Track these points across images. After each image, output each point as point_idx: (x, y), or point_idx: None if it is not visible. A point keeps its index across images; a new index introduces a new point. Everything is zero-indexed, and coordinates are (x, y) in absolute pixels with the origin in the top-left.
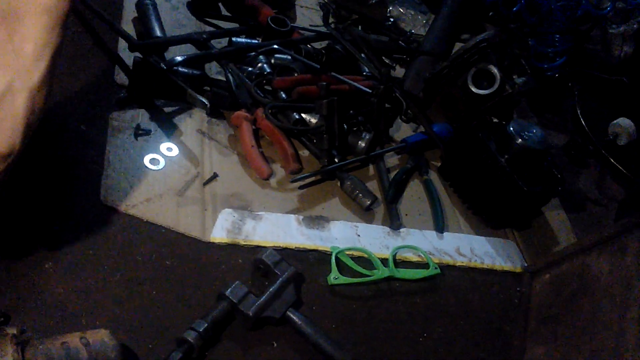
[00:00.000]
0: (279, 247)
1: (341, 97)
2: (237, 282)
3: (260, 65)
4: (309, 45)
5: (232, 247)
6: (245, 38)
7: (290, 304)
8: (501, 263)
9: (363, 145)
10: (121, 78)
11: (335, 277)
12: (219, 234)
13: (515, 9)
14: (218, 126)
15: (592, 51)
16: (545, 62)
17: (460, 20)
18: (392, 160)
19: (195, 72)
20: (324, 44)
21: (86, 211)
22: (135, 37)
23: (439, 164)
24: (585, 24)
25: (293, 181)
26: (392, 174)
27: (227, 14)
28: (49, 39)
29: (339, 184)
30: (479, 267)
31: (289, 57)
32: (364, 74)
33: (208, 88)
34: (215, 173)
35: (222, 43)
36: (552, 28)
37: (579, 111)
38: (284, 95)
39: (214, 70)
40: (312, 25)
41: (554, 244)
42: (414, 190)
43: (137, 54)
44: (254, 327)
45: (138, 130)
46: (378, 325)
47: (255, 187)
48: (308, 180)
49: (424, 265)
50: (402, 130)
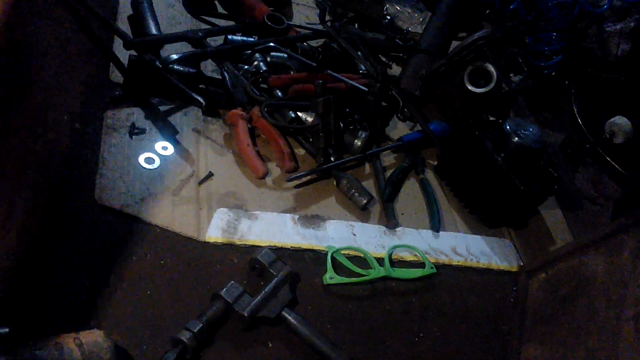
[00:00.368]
0: (275, 246)
1: (337, 95)
2: (232, 282)
3: (256, 63)
4: (305, 43)
5: (228, 247)
6: (241, 36)
7: (285, 303)
8: (497, 262)
9: (359, 143)
10: (116, 76)
11: (331, 276)
12: (214, 234)
13: (512, 7)
14: (213, 125)
15: (589, 49)
16: (541, 60)
17: (457, 18)
18: (388, 158)
19: (190, 70)
20: (321, 41)
21: (80, 210)
22: (131, 35)
23: (436, 163)
24: (582, 21)
25: (289, 180)
26: (389, 173)
27: (223, 11)
28: None
29: (335, 182)
30: (475, 266)
31: (285, 55)
32: (361, 72)
33: (204, 86)
34: (210, 172)
35: (217, 41)
36: (549, 26)
37: (575, 109)
38: (280, 94)
39: (209, 69)
40: (309, 23)
41: (550, 243)
42: (410, 189)
43: (133, 52)
44: (249, 327)
45: (133, 129)
46: (374, 325)
47: (250, 186)
48: (304, 179)
49: (420, 264)
50: (399, 129)
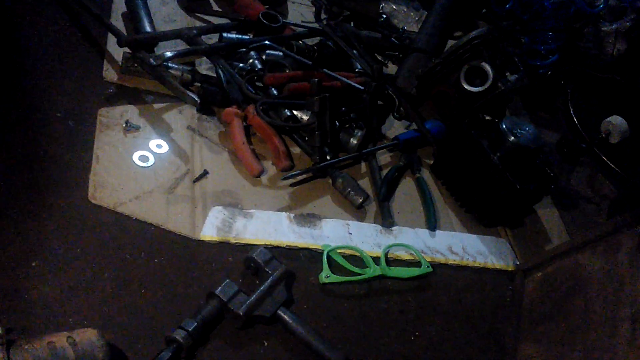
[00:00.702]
0: (270, 245)
1: (333, 93)
2: (227, 280)
3: (251, 61)
4: (300, 42)
5: (223, 245)
6: (236, 34)
7: (281, 302)
8: (493, 261)
9: (355, 142)
10: (109, 74)
11: (326, 275)
12: (209, 232)
13: (507, 6)
14: (208, 123)
15: (585, 49)
16: (537, 59)
17: (453, 17)
18: (384, 157)
19: (185, 67)
20: (316, 40)
21: (73, 208)
22: (125, 33)
23: (432, 162)
24: (578, 21)
25: (284, 179)
26: (384, 172)
27: (218, 9)
28: None
29: (330, 181)
30: (471, 265)
31: (281, 54)
32: (356, 70)
33: (198, 84)
34: (205, 170)
35: (212, 39)
36: (545, 25)
37: (571, 109)
38: (275, 92)
39: (204, 66)
40: (304, 22)
41: (546, 242)
42: (406, 188)
43: (127, 49)
44: (244, 326)
45: (127, 127)
46: (370, 323)
47: (246, 185)
48: (299, 178)
49: (416, 263)
50: (395, 128)
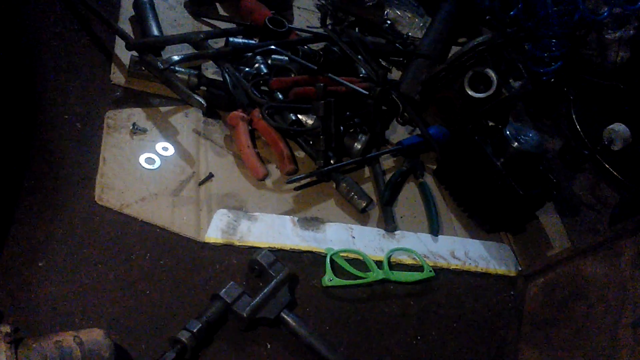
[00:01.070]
0: (274, 248)
1: (338, 98)
2: (231, 282)
3: (257, 65)
4: (306, 47)
5: (227, 248)
6: (242, 38)
7: (284, 305)
8: (495, 267)
9: (359, 147)
10: (117, 77)
11: (329, 278)
12: (213, 234)
13: (512, 13)
14: (214, 126)
15: (588, 56)
16: (541, 66)
17: (457, 23)
18: (387, 162)
19: (192, 71)
20: (321, 45)
21: (80, 210)
22: (132, 36)
23: (435, 167)
24: (581, 29)
25: (289, 182)
26: (388, 176)
27: (225, 14)
28: None
29: (334, 185)
30: (473, 270)
31: (286, 58)
32: (361, 75)
33: (204, 88)
34: (210, 173)
35: (219, 43)
36: (549, 33)
37: (574, 116)
38: (280, 96)
39: (210, 71)
40: (310, 27)
41: (548, 248)
42: (410, 192)
43: (134, 53)
44: (248, 328)
45: (134, 129)
46: (372, 327)
47: (250, 188)
48: (304, 182)
49: (419, 268)
50: (398, 133)
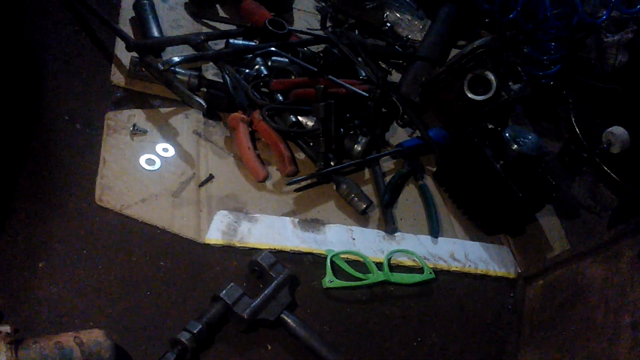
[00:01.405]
0: (274, 249)
1: (338, 100)
2: (231, 284)
3: (257, 67)
4: (306, 49)
5: (227, 249)
6: (243, 40)
7: (284, 306)
8: (495, 269)
9: (359, 149)
10: (117, 78)
11: (330, 280)
12: (214, 236)
13: (511, 16)
14: (214, 127)
15: (587, 59)
16: (540, 69)
17: (457, 26)
18: (387, 164)
19: (192, 73)
20: (322, 47)
21: (80, 211)
22: (133, 37)
23: (435, 169)
24: (580, 32)
25: (289, 184)
26: (388, 178)
27: (225, 15)
28: None
29: (334, 187)
30: (473, 272)
31: (286, 60)
32: (361, 77)
33: (205, 89)
34: (211, 174)
35: (219, 45)
36: (548, 36)
37: (573, 119)
38: (280, 98)
39: (211, 72)
40: (310, 29)
41: (547, 251)
42: (410, 194)
43: (134, 54)
44: (248, 329)
45: (134, 130)
46: (372, 328)
47: (251, 189)
48: (304, 183)
49: (419, 269)
50: (398, 135)
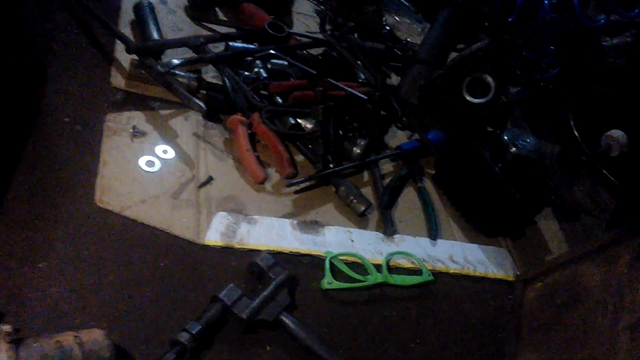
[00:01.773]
0: (273, 251)
1: (337, 103)
2: (231, 284)
3: (256, 70)
4: (305, 51)
5: (227, 250)
6: (242, 43)
7: (283, 307)
8: (494, 271)
9: (358, 151)
10: (117, 80)
11: (329, 281)
12: (213, 237)
13: (510, 19)
14: (214, 129)
15: (586, 63)
16: (539, 72)
17: (455, 30)
18: (386, 167)
19: (192, 75)
20: (321, 50)
21: (80, 212)
22: (133, 40)
23: (433, 172)
24: (579, 35)
25: (288, 186)
26: (387, 181)
27: (225, 18)
28: None
29: (333, 189)
30: (472, 274)
31: (286, 63)
32: (360, 80)
33: (204, 91)
34: (210, 176)
35: (218, 47)
36: (547, 39)
37: (571, 122)
38: (280, 100)
39: (210, 75)
40: (309, 32)
41: (546, 253)
42: (408, 197)
43: (134, 56)
44: (247, 330)
45: (134, 132)
46: (371, 330)
47: (250, 191)
48: (303, 185)
49: (418, 271)
50: (397, 137)
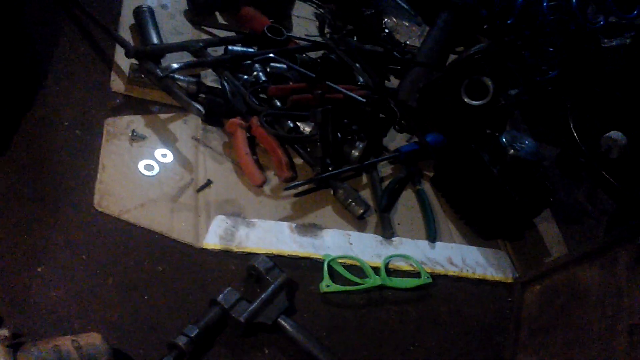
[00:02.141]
0: (272, 254)
1: (336, 106)
2: (229, 288)
3: (255, 73)
4: (304, 55)
5: (225, 254)
6: (241, 46)
7: (282, 310)
8: (492, 273)
9: (357, 154)
10: (116, 84)
11: (327, 284)
12: (212, 240)
13: (509, 21)
14: (213, 133)
15: (585, 64)
16: (538, 74)
17: (455, 32)
18: (385, 169)
19: (191, 79)
20: (320, 53)
21: (79, 216)
22: (132, 44)
23: (432, 174)
24: (578, 37)
25: (287, 189)
26: (386, 183)
27: (224, 22)
28: None
29: (332, 192)
30: (471, 277)
31: (285, 66)
32: (359, 83)
33: (203, 95)
34: (209, 180)
35: (218, 51)
36: (546, 41)
37: (571, 124)
38: (279, 104)
39: (209, 78)
40: (308, 35)
41: (545, 255)
42: (407, 199)
43: (134, 60)
44: (245, 333)
45: (133, 136)
46: (369, 333)
47: (248, 194)
48: (301, 188)
49: (416, 274)
50: (396, 140)
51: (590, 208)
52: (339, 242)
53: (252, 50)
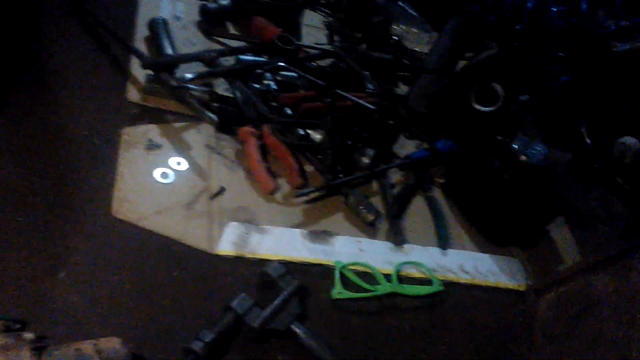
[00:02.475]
0: (284, 260)
1: (346, 113)
2: (242, 294)
3: (266, 82)
4: (314, 63)
5: (238, 260)
6: (252, 56)
7: (294, 316)
8: (505, 281)
9: (367, 161)
10: (132, 95)
11: (339, 291)
12: (225, 247)
13: (519, 27)
14: (225, 141)
15: (597, 69)
16: (549, 80)
17: (464, 38)
18: (396, 176)
19: (204, 88)
20: (329, 61)
21: (98, 223)
22: (148, 55)
23: (443, 181)
24: (589, 42)
25: (298, 196)
26: (396, 190)
27: (235, 32)
28: None
29: (342, 199)
30: (483, 284)
31: (295, 75)
32: (368, 90)
33: (216, 104)
34: (222, 187)
35: (229, 61)
36: (556, 46)
37: (583, 129)
38: (289, 112)
39: (222, 87)
40: (318, 44)
41: (558, 263)
42: (418, 206)
43: (149, 71)
44: (258, 339)
45: (149, 145)
46: (381, 340)
47: (261, 202)
48: (312, 196)
49: (428, 281)
50: (406, 147)
51: (603, 214)
52: (350, 249)
53: (262, 59)
